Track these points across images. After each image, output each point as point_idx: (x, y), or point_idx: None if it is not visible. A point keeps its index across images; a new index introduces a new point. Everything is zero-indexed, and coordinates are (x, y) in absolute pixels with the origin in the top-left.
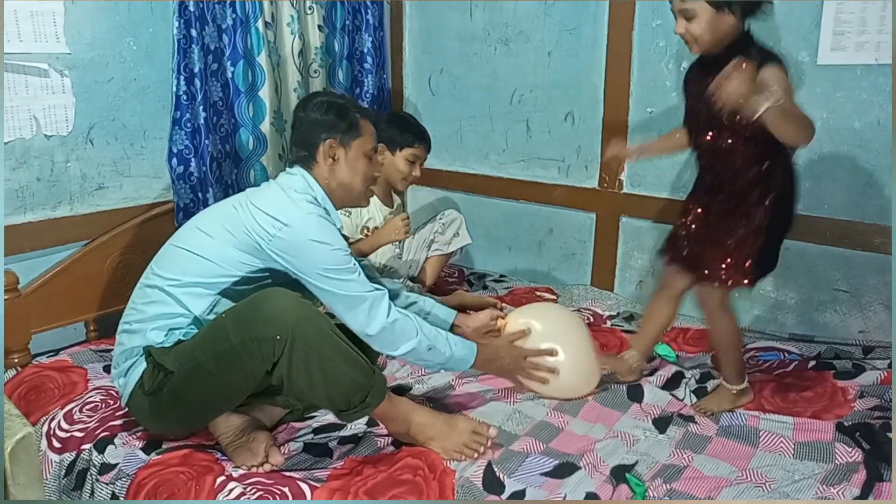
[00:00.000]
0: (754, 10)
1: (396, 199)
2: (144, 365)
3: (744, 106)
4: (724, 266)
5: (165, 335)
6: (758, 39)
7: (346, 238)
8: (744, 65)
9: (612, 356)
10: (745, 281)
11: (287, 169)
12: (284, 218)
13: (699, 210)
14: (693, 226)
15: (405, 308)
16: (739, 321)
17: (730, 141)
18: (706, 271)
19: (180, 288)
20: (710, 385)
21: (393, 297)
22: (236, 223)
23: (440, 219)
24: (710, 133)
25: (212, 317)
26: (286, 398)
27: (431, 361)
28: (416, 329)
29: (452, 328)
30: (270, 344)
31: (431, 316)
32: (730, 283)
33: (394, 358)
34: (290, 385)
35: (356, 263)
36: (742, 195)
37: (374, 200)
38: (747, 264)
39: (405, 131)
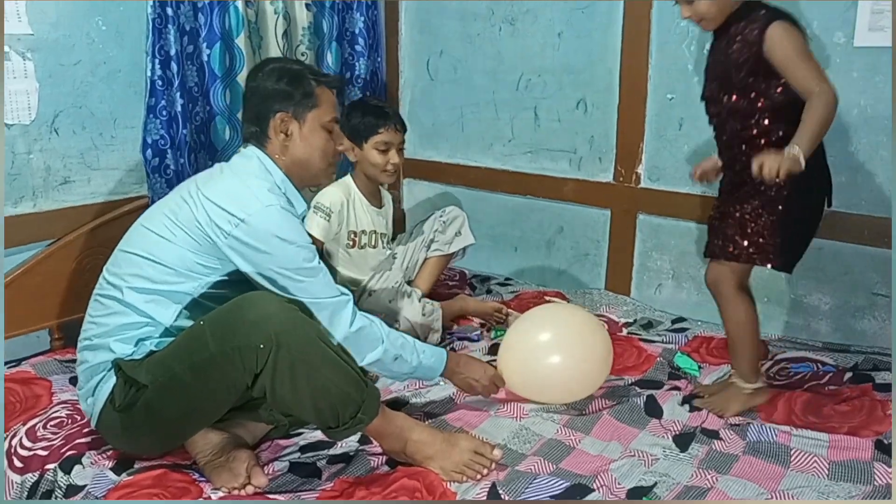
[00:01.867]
0: None
1: (386, 197)
2: (114, 380)
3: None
4: (734, 240)
5: (134, 346)
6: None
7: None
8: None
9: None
10: (757, 258)
11: (241, 149)
12: (241, 212)
13: (723, 189)
14: (716, 205)
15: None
16: (769, 329)
17: (743, 104)
18: (718, 245)
19: (139, 295)
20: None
21: None
22: (189, 220)
23: (440, 216)
24: (724, 97)
25: (181, 324)
26: (270, 413)
27: (398, 371)
28: (382, 338)
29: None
30: (253, 353)
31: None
32: (740, 257)
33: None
34: (275, 398)
35: (320, 263)
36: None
37: (363, 202)
38: (760, 240)
39: (365, 117)
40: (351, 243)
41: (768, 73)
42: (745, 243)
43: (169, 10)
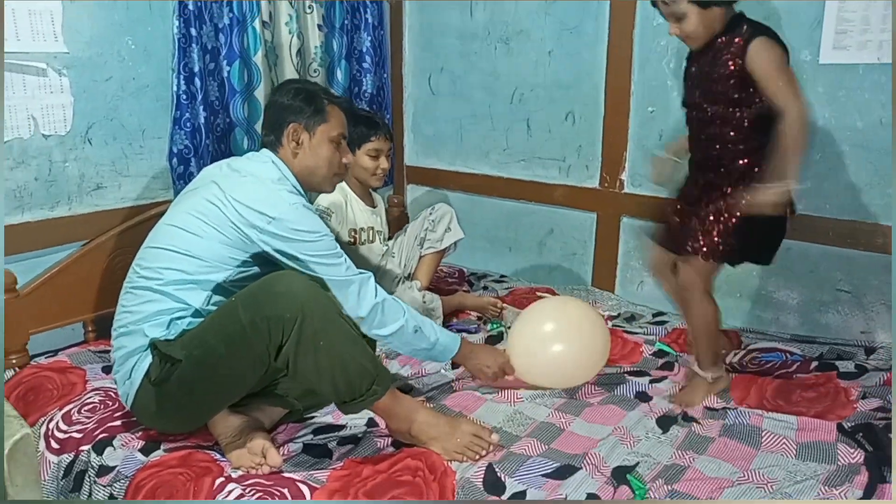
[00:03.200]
0: None
1: (377, 198)
2: (149, 359)
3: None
4: (699, 238)
5: (167, 328)
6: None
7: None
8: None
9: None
10: (719, 257)
11: (254, 153)
12: (272, 212)
13: (687, 188)
14: (678, 204)
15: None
16: (742, 322)
17: (724, 112)
18: (682, 242)
19: (172, 286)
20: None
21: None
22: (221, 220)
23: (429, 215)
24: (701, 105)
25: (211, 308)
26: (285, 398)
27: (417, 345)
28: (404, 310)
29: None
30: (279, 322)
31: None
32: (703, 254)
33: (385, 339)
34: (296, 368)
35: (340, 249)
36: (726, 170)
37: (358, 202)
38: (723, 239)
39: (356, 126)
40: (352, 241)
41: (751, 84)
42: (711, 242)
43: (193, 31)
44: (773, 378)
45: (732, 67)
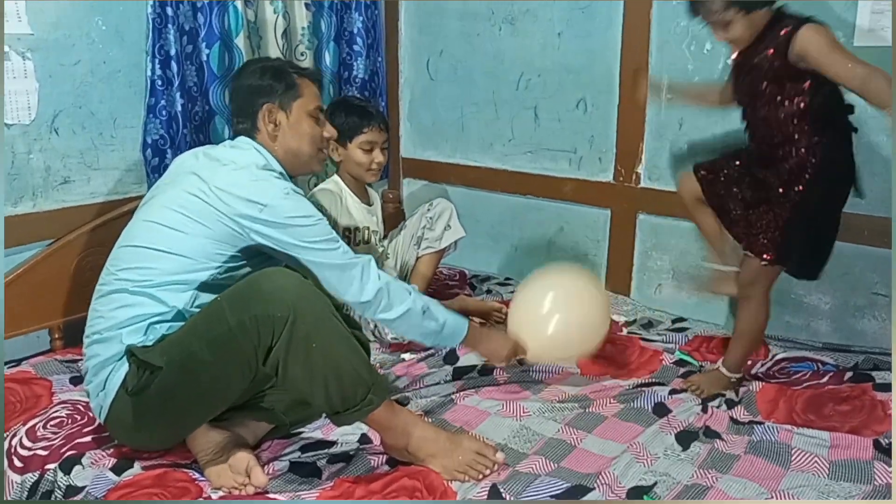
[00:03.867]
0: None
1: (373, 195)
2: (125, 368)
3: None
4: (757, 239)
5: (144, 334)
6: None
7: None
8: None
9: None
10: (766, 256)
11: (230, 141)
12: (263, 199)
13: (746, 177)
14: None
15: None
16: (769, 329)
17: (763, 108)
18: (743, 238)
19: (151, 287)
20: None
21: None
22: (206, 212)
23: (427, 212)
24: (747, 99)
25: (195, 310)
26: (272, 408)
27: (427, 327)
28: (409, 291)
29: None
30: (269, 322)
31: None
32: (759, 256)
33: (392, 323)
34: (286, 372)
35: (336, 233)
36: (777, 168)
37: (353, 199)
38: (765, 238)
39: (349, 116)
40: (346, 240)
41: (792, 78)
42: (775, 245)
43: (169, 10)
44: (803, 389)
45: (778, 62)
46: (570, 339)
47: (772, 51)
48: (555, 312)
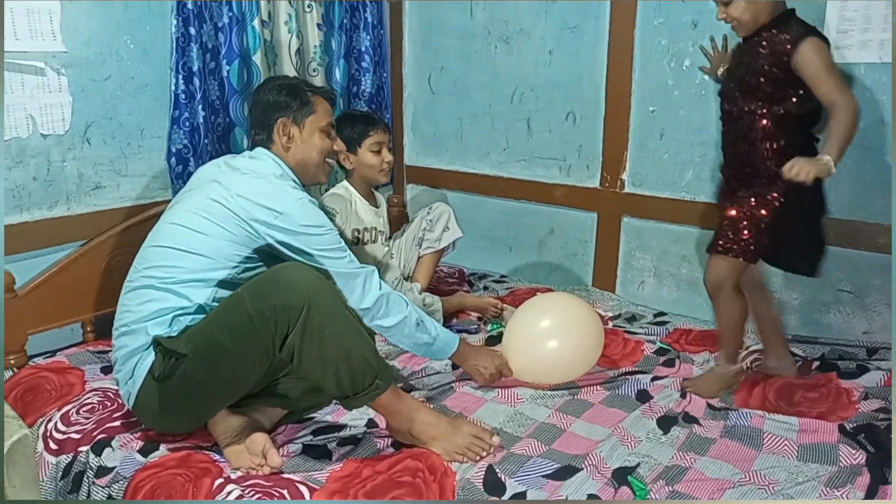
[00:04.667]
0: None
1: (380, 198)
2: (152, 357)
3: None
4: (727, 235)
5: (169, 326)
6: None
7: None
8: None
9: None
10: (742, 255)
11: (249, 152)
12: (279, 206)
13: (721, 188)
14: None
15: None
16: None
17: (757, 108)
18: (717, 242)
19: (176, 284)
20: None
21: None
22: (226, 217)
23: (427, 215)
24: (734, 97)
25: (215, 304)
26: (286, 394)
27: (419, 339)
28: (407, 303)
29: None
30: (286, 312)
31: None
32: (731, 252)
33: (387, 331)
34: (301, 358)
35: (344, 243)
36: (753, 169)
37: (362, 202)
38: (745, 235)
39: (354, 125)
40: (355, 241)
41: (788, 84)
42: (741, 240)
43: (192, 30)
44: (774, 380)
45: (772, 63)
46: (561, 366)
47: (768, 52)
48: (549, 339)
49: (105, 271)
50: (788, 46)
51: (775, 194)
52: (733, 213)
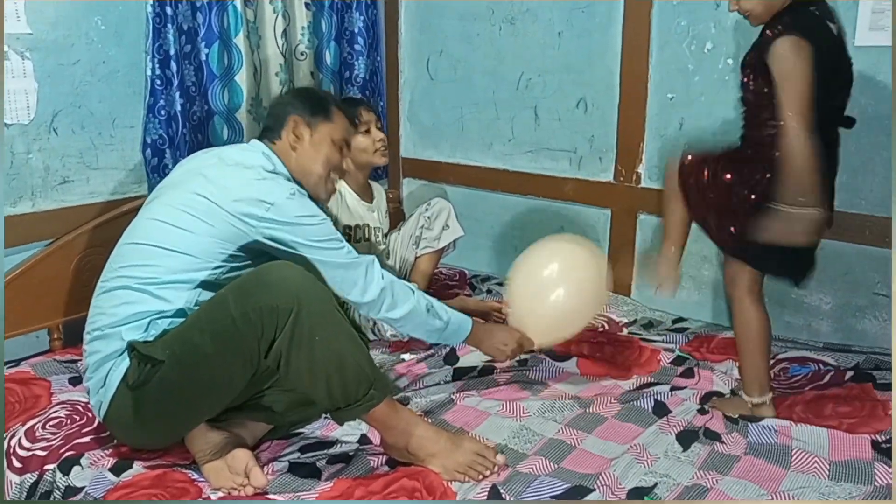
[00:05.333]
0: None
1: (378, 192)
2: (126, 363)
3: None
4: (727, 229)
5: (146, 330)
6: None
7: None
8: None
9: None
10: (739, 253)
11: (243, 144)
12: (269, 198)
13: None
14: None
15: None
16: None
17: (753, 100)
18: (709, 224)
19: (154, 285)
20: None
21: None
22: (212, 212)
23: (425, 212)
24: (744, 88)
25: (196, 308)
26: (271, 406)
27: (432, 325)
28: (412, 290)
29: None
30: (273, 314)
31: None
32: (727, 247)
33: (397, 322)
34: (288, 366)
35: (339, 234)
36: (749, 158)
37: (353, 197)
38: (732, 228)
39: None
40: (346, 237)
41: (765, 77)
42: (725, 232)
43: (168, 10)
44: (803, 392)
45: (758, 60)
46: (573, 311)
47: (757, 52)
48: (556, 285)
49: (74, 273)
50: (769, 41)
51: (760, 184)
52: (726, 202)
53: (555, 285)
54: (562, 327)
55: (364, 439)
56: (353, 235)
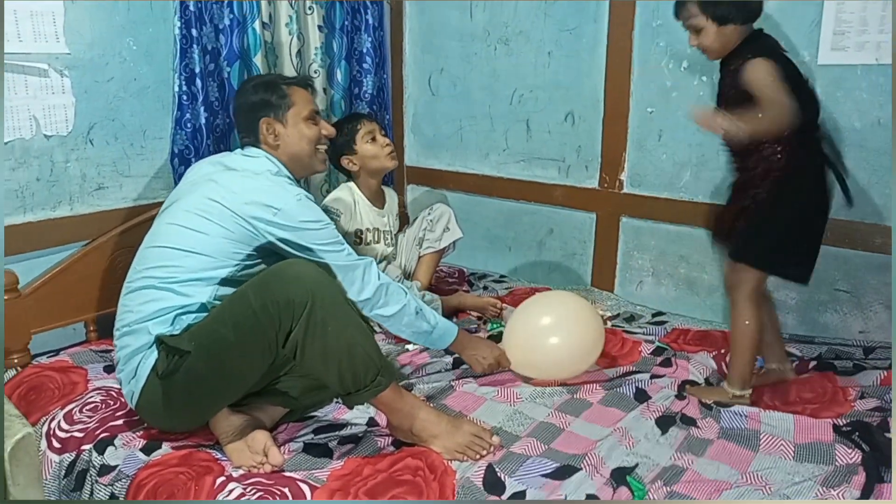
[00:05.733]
0: (755, 17)
1: (390, 197)
2: (155, 355)
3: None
4: (738, 242)
5: (171, 324)
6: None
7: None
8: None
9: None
10: (742, 257)
11: (242, 150)
12: (277, 203)
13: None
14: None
15: None
16: None
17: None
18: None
19: (177, 284)
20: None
21: None
22: (224, 215)
23: (427, 215)
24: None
25: (216, 302)
26: (287, 392)
27: (419, 327)
28: (405, 292)
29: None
30: (290, 307)
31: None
32: (742, 260)
33: (387, 320)
34: (303, 354)
35: (342, 237)
36: (749, 172)
37: (365, 204)
38: (746, 239)
39: (341, 129)
40: (357, 241)
41: (748, 102)
42: (754, 248)
43: (194, 32)
44: (770, 380)
45: (731, 84)
46: (560, 362)
47: (733, 77)
48: (549, 336)
49: (108, 271)
50: (739, 67)
51: (755, 198)
52: (743, 219)
53: (551, 334)
54: (544, 369)
55: (372, 422)
56: (364, 239)
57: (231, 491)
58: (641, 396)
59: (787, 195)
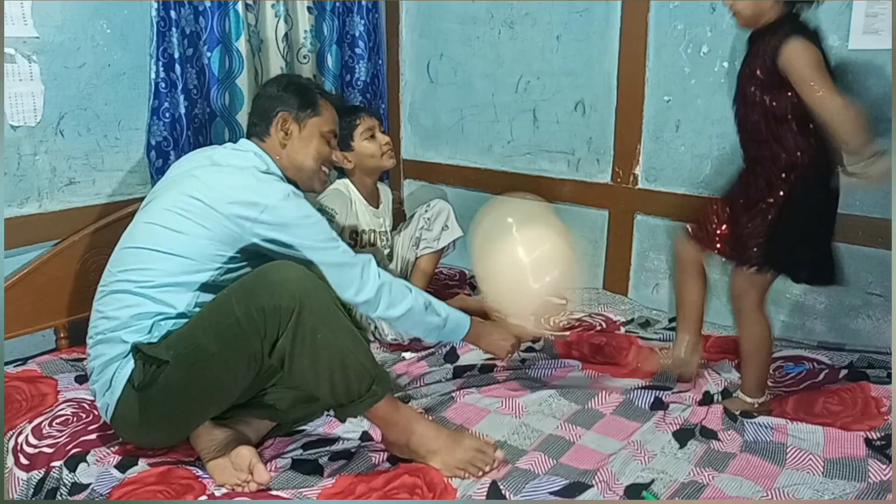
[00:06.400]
0: None
1: (385, 195)
2: (132, 365)
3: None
4: (746, 245)
5: (149, 332)
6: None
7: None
8: None
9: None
10: (749, 262)
11: (231, 144)
12: (263, 199)
13: (735, 189)
14: (720, 204)
15: None
16: None
17: (753, 114)
18: (719, 246)
19: (154, 288)
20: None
21: None
22: (206, 214)
23: (425, 213)
24: (742, 105)
25: (197, 310)
26: (275, 404)
27: (430, 322)
28: (410, 288)
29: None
30: (276, 314)
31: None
32: (747, 263)
33: (396, 320)
34: (292, 364)
35: (336, 234)
36: (762, 173)
37: (361, 203)
38: (750, 243)
39: (340, 121)
40: (352, 242)
41: (777, 87)
42: (739, 249)
43: (172, 14)
44: (798, 390)
45: (762, 68)
46: (539, 266)
47: (763, 57)
48: (514, 249)
49: (80, 273)
50: (773, 47)
51: (778, 196)
52: (745, 221)
53: (512, 250)
54: (537, 287)
55: (365, 436)
56: (360, 240)
57: None
58: (658, 407)
59: (816, 193)
